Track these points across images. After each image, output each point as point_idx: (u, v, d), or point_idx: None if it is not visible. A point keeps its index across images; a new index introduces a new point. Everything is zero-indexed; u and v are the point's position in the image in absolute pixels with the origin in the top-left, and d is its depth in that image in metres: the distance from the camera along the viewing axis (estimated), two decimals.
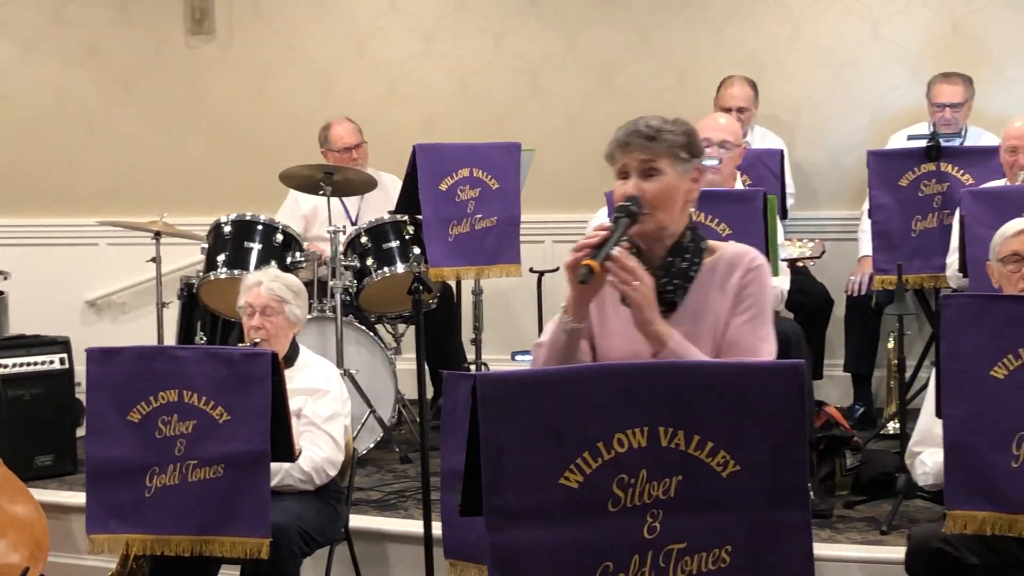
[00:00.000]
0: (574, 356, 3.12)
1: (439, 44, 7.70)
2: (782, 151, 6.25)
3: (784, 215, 5.86)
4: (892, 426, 5.98)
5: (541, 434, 2.51)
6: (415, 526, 5.01)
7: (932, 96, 6.60)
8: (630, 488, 2.54)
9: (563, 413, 2.52)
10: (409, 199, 5.98)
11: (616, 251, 3.01)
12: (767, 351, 3.12)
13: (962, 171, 5.73)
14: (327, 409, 4.61)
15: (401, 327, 6.84)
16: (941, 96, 6.53)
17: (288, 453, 4.16)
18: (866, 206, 6.34)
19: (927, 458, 3.86)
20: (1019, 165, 5.48)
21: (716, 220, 4.96)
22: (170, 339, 6.61)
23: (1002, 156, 5.60)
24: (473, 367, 6.51)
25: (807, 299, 6.29)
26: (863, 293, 6.37)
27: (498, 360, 6.81)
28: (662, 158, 3.14)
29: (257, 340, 4.59)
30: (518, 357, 5.46)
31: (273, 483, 4.17)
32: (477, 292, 6.57)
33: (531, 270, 6.61)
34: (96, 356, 4.14)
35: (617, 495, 2.54)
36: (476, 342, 6.54)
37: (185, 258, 7.40)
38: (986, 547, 3.71)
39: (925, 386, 6.16)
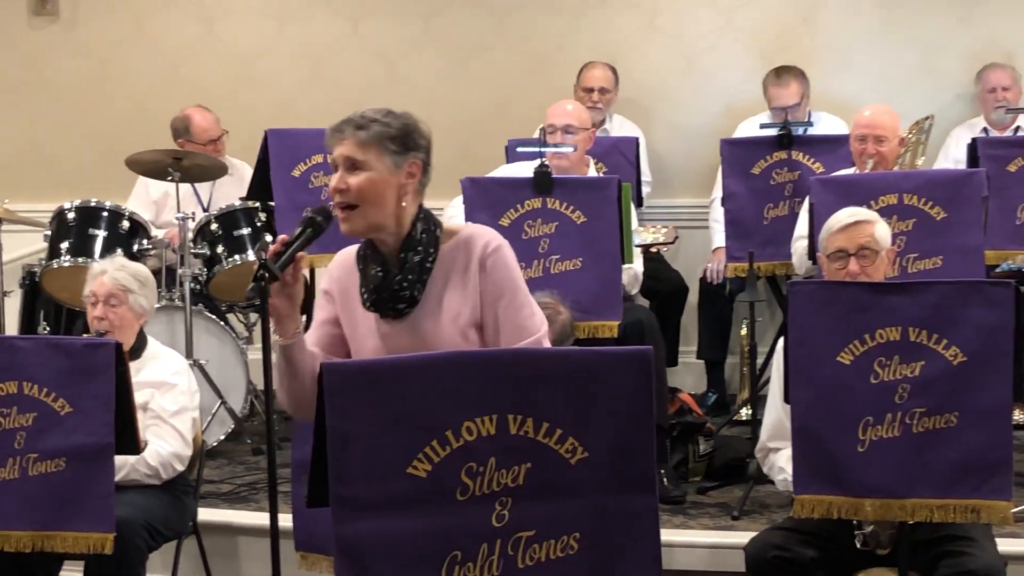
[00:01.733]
0: (303, 373, 3.06)
1: (292, 27, 7.59)
2: (637, 139, 6.28)
3: (639, 203, 5.89)
4: (745, 412, 6.05)
5: (389, 423, 2.47)
6: (266, 519, 4.88)
7: (768, 100, 6.69)
8: (479, 477, 2.52)
9: (411, 402, 2.48)
10: (261, 185, 5.88)
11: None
12: (535, 325, 3.12)
13: (812, 159, 5.81)
14: (175, 403, 4.51)
15: (253, 316, 6.73)
16: (777, 100, 6.62)
17: (133, 446, 4.06)
18: (717, 194, 6.41)
19: (786, 464, 3.88)
20: (868, 154, 5.57)
21: (571, 207, 4.95)
22: (12, 329, 6.41)
23: (851, 145, 5.68)
24: None
25: (661, 286, 6.33)
26: (720, 282, 6.43)
27: None
28: (369, 151, 3.12)
29: (101, 331, 4.47)
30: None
31: (118, 477, 4.07)
32: None
33: None
34: None
35: (466, 484, 2.51)
36: None
37: (27, 246, 7.18)
38: (817, 538, 3.78)
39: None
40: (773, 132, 5.87)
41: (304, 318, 3.18)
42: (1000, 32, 6.95)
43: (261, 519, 5.03)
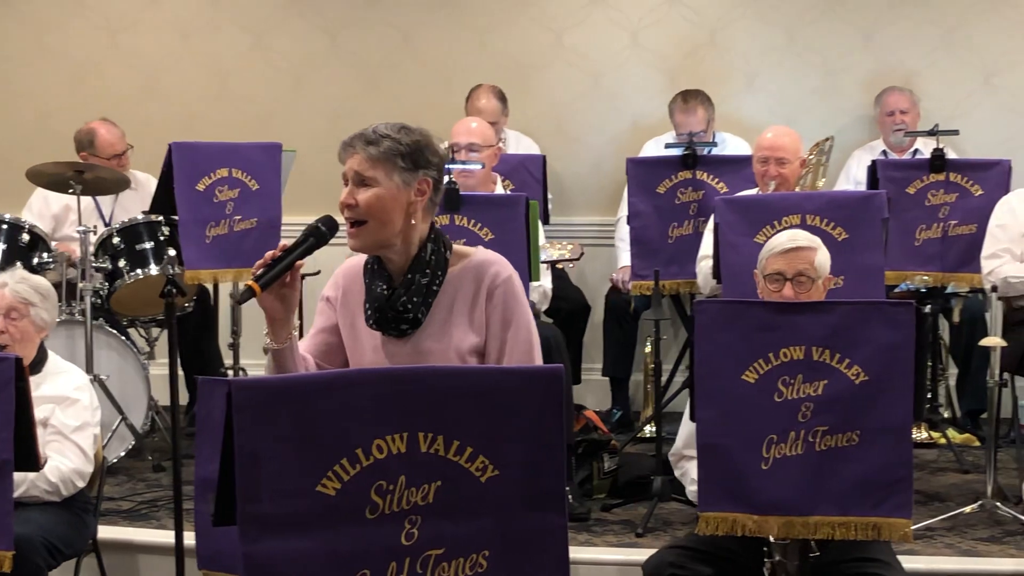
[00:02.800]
0: None
1: (198, 40, 7.53)
2: (544, 157, 6.30)
3: (546, 220, 5.91)
4: (649, 429, 6.09)
5: (298, 441, 2.45)
6: (167, 536, 4.87)
7: (675, 124, 6.75)
8: (389, 495, 2.50)
9: (321, 419, 2.46)
10: (164, 199, 5.82)
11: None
12: (537, 357, 3.17)
13: (717, 179, 5.88)
14: (76, 419, 4.43)
15: (155, 331, 6.64)
16: (683, 127, 6.68)
17: (33, 463, 3.97)
18: (622, 213, 6.46)
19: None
20: (770, 175, 5.65)
21: (479, 224, 4.96)
22: None
23: (754, 166, 5.76)
24: (231, 372, 6.37)
25: (565, 304, 6.36)
26: (627, 290, 6.42)
27: (257, 365, 6.68)
28: (379, 167, 3.09)
29: (1, 344, 4.39)
30: None
31: (17, 494, 4.00)
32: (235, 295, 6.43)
33: None
34: None
35: (375, 502, 2.50)
36: (234, 347, 6.40)
37: None
38: (715, 556, 3.82)
39: (680, 390, 6.32)
40: (678, 152, 5.94)
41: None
42: (899, 56, 7.09)
43: (162, 537, 4.97)
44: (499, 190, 5.73)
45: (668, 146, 6.26)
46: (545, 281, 5.36)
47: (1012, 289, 5.51)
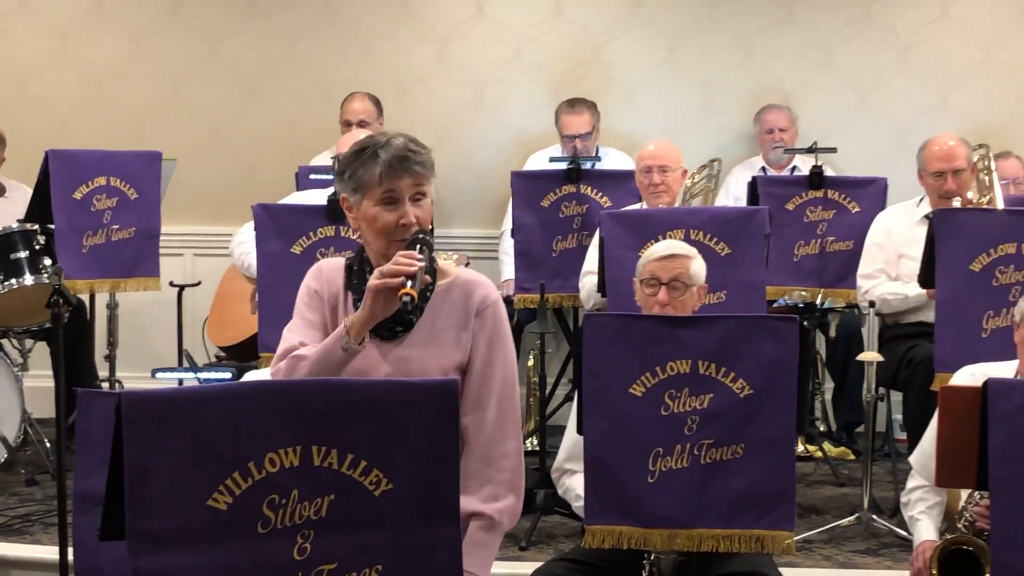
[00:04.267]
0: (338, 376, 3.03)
1: (73, 45, 7.38)
2: None
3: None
4: (531, 442, 6.09)
5: (189, 455, 2.40)
6: (42, 551, 4.77)
7: (560, 127, 6.80)
8: (281, 509, 2.47)
9: (213, 433, 2.42)
10: (40, 208, 5.71)
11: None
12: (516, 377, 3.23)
13: (600, 193, 5.92)
14: None
15: (29, 342, 6.48)
16: (569, 128, 6.73)
17: None
18: (507, 226, 6.47)
19: (582, 489, 3.91)
20: (654, 184, 5.70)
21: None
22: None
23: (638, 178, 5.81)
24: (106, 384, 6.25)
25: None
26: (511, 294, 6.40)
27: (134, 378, 6.58)
28: (428, 183, 3.13)
29: None
30: (159, 374, 5.26)
31: None
32: (112, 306, 6.31)
33: (171, 284, 6.44)
34: None
35: (267, 516, 2.46)
36: (110, 359, 6.28)
37: None
38: (601, 569, 3.83)
39: (563, 403, 6.34)
40: (563, 166, 5.97)
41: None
42: (777, 74, 7.21)
43: (37, 552, 4.86)
44: None
45: (553, 160, 6.29)
46: None
47: (888, 307, 5.64)
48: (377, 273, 3.03)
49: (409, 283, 2.98)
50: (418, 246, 3.07)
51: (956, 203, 5.44)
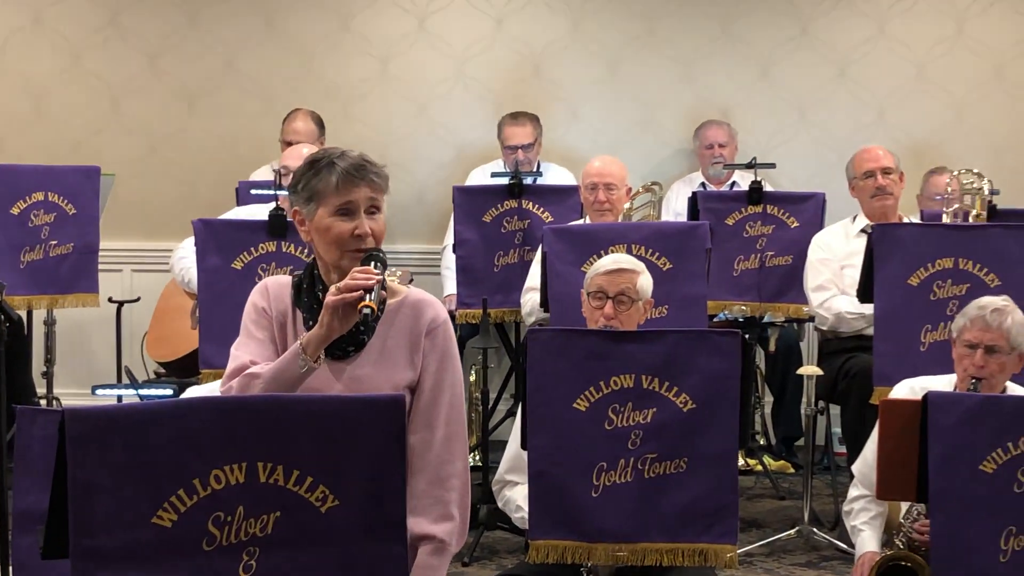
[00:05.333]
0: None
1: (11, 59, 7.31)
2: None
3: None
4: (474, 458, 6.08)
5: (134, 472, 2.38)
6: None
7: (503, 139, 6.81)
8: (226, 526, 2.45)
9: (158, 449, 2.40)
10: None
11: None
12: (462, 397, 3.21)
13: (542, 209, 5.94)
14: None
15: None
16: (512, 139, 6.75)
17: None
18: (448, 241, 6.47)
19: (523, 502, 3.91)
20: (599, 201, 5.73)
21: (306, 251, 4.90)
22: None
23: (583, 195, 5.84)
24: (44, 402, 6.18)
25: None
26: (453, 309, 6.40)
27: (73, 395, 6.52)
28: (383, 197, 3.11)
29: None
30: (99, 391, 5.22)
31: None
32: (50, 322, 6.24)
33: (110, 300, 6.38)
34: None
35: (212, 533, 2.44)
36: (48, 375, 6.22)
37: None
38: None
39: (505, 418, 6.35)
40: (504, 181, 5.98)
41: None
42: (717, 90, 7.26)
43: None
44: None
45: (494, 175, 6.30)
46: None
47: (846, 324, 5.66)
48: (334, 289, 3.00)
49: (368, 296, 2.96)
50: (373, 263, 3.05)
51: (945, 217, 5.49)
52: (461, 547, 3.18)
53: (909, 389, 4.09)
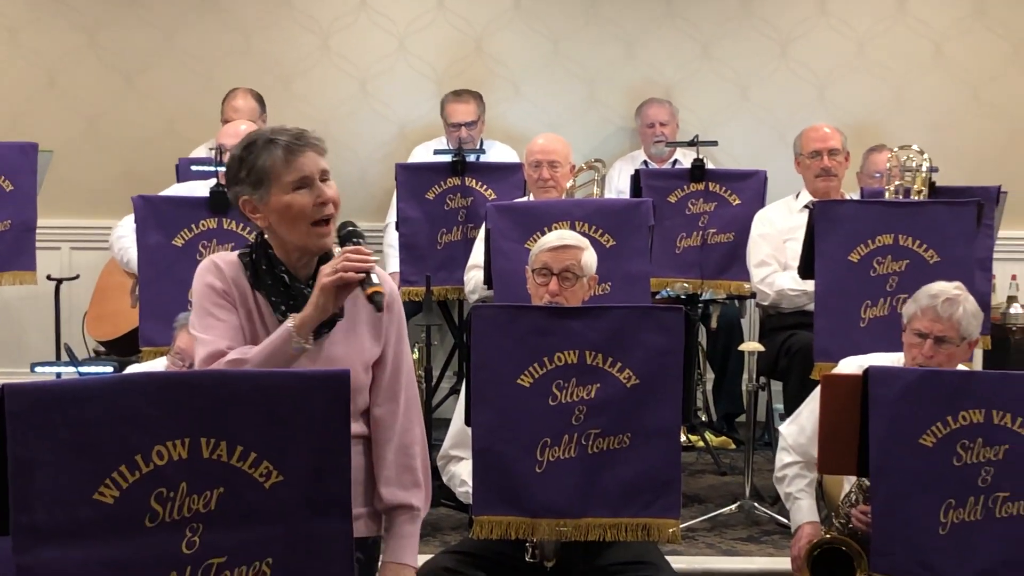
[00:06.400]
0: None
1: None
2: None
3: None
4: None
5: (76, 448, 2.36)
6: None
7: (446, 116, 6.78)
8: (169, 502, 2.43)
9: (100, 425, 2.38)
10: None
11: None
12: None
13: (485, 186, 5.92)
14: None
15: None
16: (455, 116, 6.72)
17: None
18: (391, 219, 6.44)
19: (467, 477, 3.91)
20: (543, 179, 5.73)
21: (247, 228, 4.86)
22: None
23: (526, 172, 5.83)
24: None
25: None
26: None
27: (10, 373, 6.45)
28: (326, 161, 3.08)
29: None
30: (38, 368, 5.16)
31: None
32: None
33: (48, 278, 6.31)
34: None
35: (155, 510, 2.43)
36: None
37: None
38: (489, 560, 3.84)
39: (448, 396, 6.34)
40: (447, 158, 5.96)
41: None
42: (659, 69, 7.27)
43: None
44: None
45: (437, 152, 6.27)
46: None
47: (787, 300, 5.70)
48: (329, 270, 2.95)
49: (372, 277, 2.95)
50: (355, 239, 3.03)
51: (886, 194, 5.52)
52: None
53: (857, 367, 4.11)
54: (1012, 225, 6.61)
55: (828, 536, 3.94)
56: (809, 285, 5.31)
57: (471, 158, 6.07)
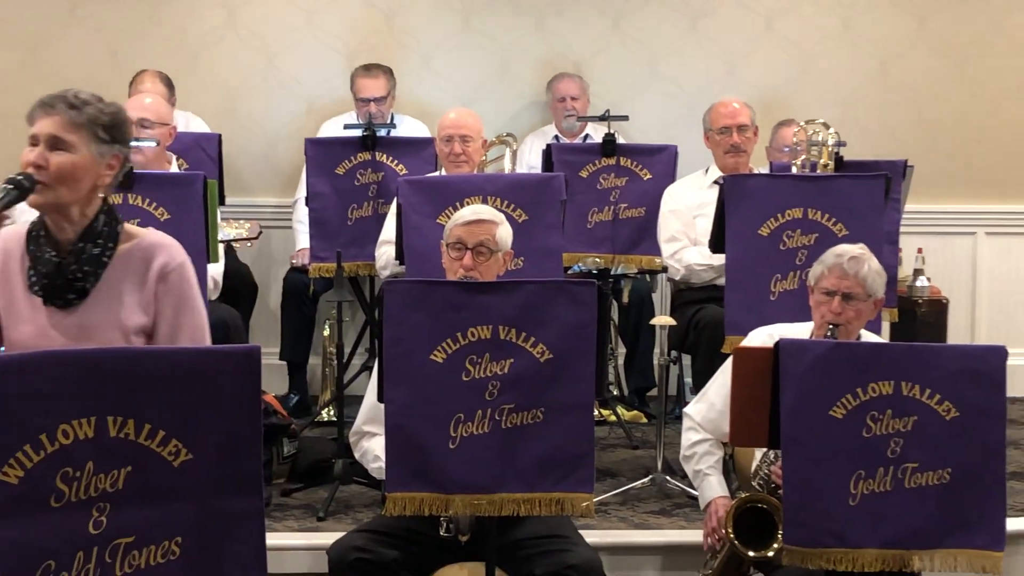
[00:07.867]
0: None
1: None
2: (219, 136, 6.13)
3: (222, 200, 5.76)
4: (328, 413, 6.04)
5: None
6: None
7: (356, 91, 6.73)
8: (75, 482, 2.40)
9: (2, 404, 2.32)
10: None
11: None
12: (208, 340, 3.22)
13: (396, 161, 5.88)
14: None
15: None
16: (364, 91, 6.67)
17: None
18: (300, 194, 6.38)
19: (381, 452, 3.89)
20: (455, 153, 5.70)
21: (153, 203, 4.79)
22: None
23: (438, 147, 5.80)
24: None
25: (236, 282, 6.18)
26: (306, 263, 6.27)
27: None
28: (78, 132, 3.07)
29: None
30: None
31: None
32: None
33: None
34: None
35: (61, 490, 2.39)
36: None
37: None
38: (401, 538, 3.84)
39: (359, 373, 6.30)
40: (358, 133, 5.91)
41: None
42: (569, 43, 7.26)
43: None
44: (174, 169, 5.55)
45: (347, 127, 6.21)
46: (217, 269, 5.20)
47: (696, 276, 5.75)
48: None
49: None
50: (5, 186, 3.04)
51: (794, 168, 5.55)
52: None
53: (768, 336, 4.13)
54: (919, 199, 6.68)
55: (749, 495, 3.98)
56: (716, 260, 5.35)
57: (382, 133, 6.02)
